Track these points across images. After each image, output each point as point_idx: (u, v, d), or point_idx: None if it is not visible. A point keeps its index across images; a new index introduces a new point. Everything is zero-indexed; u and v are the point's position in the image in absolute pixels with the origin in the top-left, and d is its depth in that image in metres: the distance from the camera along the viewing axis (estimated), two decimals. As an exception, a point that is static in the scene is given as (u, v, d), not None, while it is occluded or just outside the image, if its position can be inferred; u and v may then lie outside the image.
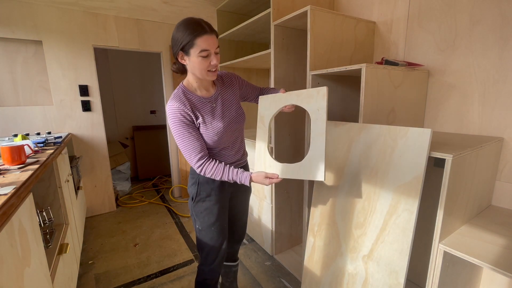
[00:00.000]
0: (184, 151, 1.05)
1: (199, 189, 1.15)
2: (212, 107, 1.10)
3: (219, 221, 1.18)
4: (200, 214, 1.17)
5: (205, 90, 1.11)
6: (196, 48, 0.96)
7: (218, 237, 1.19)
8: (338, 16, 1.48)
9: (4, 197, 0.77)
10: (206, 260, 1.23)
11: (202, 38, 0.95)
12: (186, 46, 0.97)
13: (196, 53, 0.97)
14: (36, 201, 1.46)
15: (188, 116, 1.03)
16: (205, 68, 1.00)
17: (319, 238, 1.36)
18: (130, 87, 4.00)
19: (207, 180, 1.14)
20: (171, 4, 2.36)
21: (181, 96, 1.04)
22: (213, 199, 1.16)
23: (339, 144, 1.28)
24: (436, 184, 1.38)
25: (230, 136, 1.15)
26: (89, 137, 2.66)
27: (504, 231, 1.02)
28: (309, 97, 1.06)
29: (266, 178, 1.06)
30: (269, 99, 1.17)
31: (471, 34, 1.28)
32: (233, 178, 1.07)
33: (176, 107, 1.02)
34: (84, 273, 1.87)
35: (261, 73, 2.69)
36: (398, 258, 1.00)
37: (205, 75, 1.03)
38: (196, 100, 1.07)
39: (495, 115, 1.23)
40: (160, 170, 4.09)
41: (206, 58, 0.98)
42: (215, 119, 1.09)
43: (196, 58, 0.98)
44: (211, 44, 0.97)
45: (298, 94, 1.09)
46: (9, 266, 0.73)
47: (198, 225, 1.20)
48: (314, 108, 1.05)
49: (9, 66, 2.28)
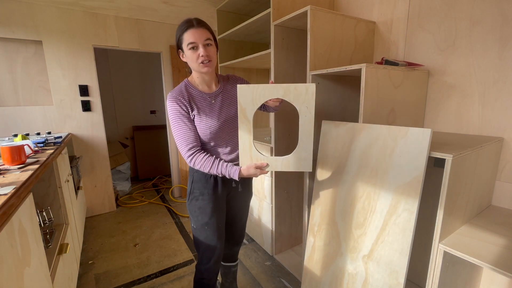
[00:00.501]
0: (177, 140, 1.10)
1: (193, 187, 1.17)
2: (211, 103, 1.13)
3: (213, 221, 1.18)
4: (194, 212, 1.19)
5: (207, 86, 1.15)
6: (185, 43, 1.04)
7: (213, 237, 1.19)
8: (338, 16, 1.48)
9: (4, 197, 0.77)
10: (202, 259, 1.23)
11: (188, 32, 1.03)
12: (178, 43, 1.07)
13: (186, 47, 1.05)
14: (36, 201, 1.46)
15: (184, 106, 1.08)
16: (196, 59, 1.05)
17: (319, 238, 1.36)
18: (130, 87, 4.00)
19: (200, 178, 1.15)
20: (171, 4, 2.36)
21: (181, 88, 1.11)
22: (207, 198, 1.16)
23: (339, 144, 1.28)
24: (436, 184, 1.38)
25: (226, 134, 1.16)
26: (89, 137, 2.66)
27: (504, 231, 1.02)
28: (298, 93, 1.04)
29: (257, 169, 1.06)
30: (250, 89, 1.05)
31: (471, 34, 1.28)
32: (222, 171, 1.07)
33: (174, 96, 1.08)
34: (84, 273, 1.87)
35: (261, 73, 2.69)
36: (398, 258, 1.00)
37: (199, 68, 1.07)
38: (196, 93, 1.12)
39: (495, 115, 1.23)
40: (160, 170, 4.09)
41: (195, 50, 1.04)
42: (212, 114, 1.12)
43: (187, 51, 1.05)
44: (198, 37, 1.03)
45: (286, 88, 1.04)
46: (9, 266, 0.73)
47: (193, 223, 1.22)
48: (303, 105, 1.05)
49: (9, 66, 2.28)
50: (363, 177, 1.15)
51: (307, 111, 1.06)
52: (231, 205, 1.31)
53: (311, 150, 1.10)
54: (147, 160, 4.00)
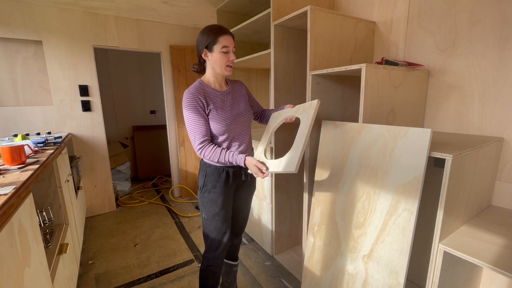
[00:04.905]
0: (190, 133, 1.19)
1: (206, 180, 1.26)
2: (223, 99, 1.25)
3: (223, 211, 1.26)
4: (206, 204, 1.26)
5: (219, 86, 1.28)
6: (218, 45, 1.16)
7: (222, 226, 1.27)
8: (338, 16, 1.48)
9: (4, 197, 0.77)
10: (211, 248, 1.30)
11: (224, 37, 1.17)
12: (210, 43, 1.17)
13: (218, 49, 1.17)
14: (36, 201, 1.46)
15: (201, 102, 1.17)
16: (225, 63, 1.20)
17: (319, 238, 1.36)
18: (130, 87, 4.00)
19: (213, 172, 1.24)
20: (171, 4, 2.36)
21: (197, 86, 1.21)
22: (218, 190, 1.24)
23: (339, 144, 1.28)
24: (436, 184, 1.38)
25: (237, 126, 1.26)
26: (89, 137, 2.66)
27: (504, 231, 1.02)
28: (303, 109, 1.22)
29: (255, 167, 1.12)
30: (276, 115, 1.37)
31: (471, 34, 1.28)
32: (229, 159, 1.16)
33: (191, 93, 1.17)
34: (84, 273, 1.87)
35: (261, 73, 2.69)
36: (398, 258, 1.00)
37: (224, 70, 1.21)
38: (210, 91, 1.22)
39: (495, 115, 1.23)
40: (160, 170, 4.09)
41: (226, 54, 1.18)
42: (225, 109, 1.23)
43: (218, 53, 1.18)
44: (230, 43, 1.19)
45: (297, 108, 1.26)
46: (9, 266, 0.73)
47: (204, 214, 1.29)
48: (304, 116, 1.19)
49: (9, 66, 2.28)
50: (363, 177, 1.15)
51: (306, 120, 1.15)
52: (237, 196, 1.37)
53: (299, 151, 1.08)
54: (147, 160, 4.00)
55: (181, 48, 2.98)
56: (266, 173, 1.12)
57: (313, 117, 1.13)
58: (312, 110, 1.15)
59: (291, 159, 1.09)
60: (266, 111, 1.48)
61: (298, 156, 1.06)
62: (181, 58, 3.00)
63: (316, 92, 1.47)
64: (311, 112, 1.15)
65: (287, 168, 1.07)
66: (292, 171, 1.04)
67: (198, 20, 2.81)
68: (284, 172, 1.08)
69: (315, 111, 1.14)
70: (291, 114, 1.27)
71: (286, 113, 1.31)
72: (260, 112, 1.48)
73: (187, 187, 3.23)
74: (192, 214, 2.78)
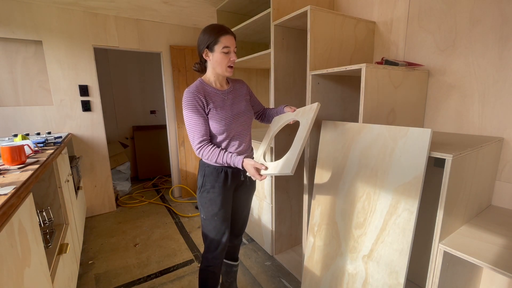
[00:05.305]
0: (189, 132, 1.18)
1: (204, 180, 1.25)
2: (223, 98, 1.24)
3: (222, 212, 1.26)
4: (204, 204, 1.26)
5: (220, 85, 1.27)
6: (219, 45, 1.15)
7: (221, 226, 1.27)
8: (338, 16, 1.48)
9: (4, 197, 0.77)
10: (210, 248, 1.30)
11: (225, 37, 1.15)
12: (211, 43, 1.15)
13: (219, 49, 1.15)
14: (36, 201, 1.46)
15: (201, 101, 1.16)
16: (226, 63, 1.18)
17: (319, 238, 1.36)
18: (130, 87, 4.00)
19: (212, 172, 1.24)
20: (171, 4, 2.36)
21: (198, 85, 1.20)
22: (217, 191, 1.24)
23: (339, 144, 1.28)
24: (436, 184, 1.38)
25: (237, 126, 1.25)
26: (89, 137, 2.66)
27: (504, 231, 1.02)
28: (304, 112, 1.22)
29: (254, 168, 1.11)
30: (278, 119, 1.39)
31: (471, 34, 1.28)
32: (227, 160, 1.16)
33: (191, 92, 1.16)
34: (84, 273, 1.87)
35: (261, 73, 2.69)
36: (398, 258, 1.00)
37: (224, 71, 1.20)
38: (210, 90, 1.21)
39: (495, 115, 1.23)
40: (160, 170, 4.09)
41: (227, 54, 1.17)
42: (225, 108, 1.23)
43: (219, 54, 1.16)
44: (231, 43, 1.17)
45: (298, 111, 1.28)
46: (9, 266, 0.73)
47: (203, 214, 1.28)
48: (304, 119, 1.19)
49: (9, 66, 2.28)
50: (363, 177, 1.15)
51: (305, 123, 1.15)
52: (236, 197, 1.36)
53: (296, 154, 1.08)
54: (147, 160, 4.00)
55: (181, 48, 2.98)
56: (264, 175, 1.12)
57: (312, 119, 1.13)
58: (312, 112, 1.15)
59: (287, 161, 1.08)
60: (267, 110, 1.48)
61: (295, 158, 1.06)
62: (181, 58, 3.00)
63: (316, 92, 1.47)
64: (311, 114, 1.15)
65: (283, 170, 1.07)
66: (288, 173, 1.04)
67: (198, 20, 2.81)
68: (280, 174, 1.08)
69: (314, 114, 1.14)
70: (291, 117, 1.28)
71: (287, 116, 1.32)
72: (261, 111, 1.47)
73: (187, 187, 3.23)
74: (192, 214, 2.78)
